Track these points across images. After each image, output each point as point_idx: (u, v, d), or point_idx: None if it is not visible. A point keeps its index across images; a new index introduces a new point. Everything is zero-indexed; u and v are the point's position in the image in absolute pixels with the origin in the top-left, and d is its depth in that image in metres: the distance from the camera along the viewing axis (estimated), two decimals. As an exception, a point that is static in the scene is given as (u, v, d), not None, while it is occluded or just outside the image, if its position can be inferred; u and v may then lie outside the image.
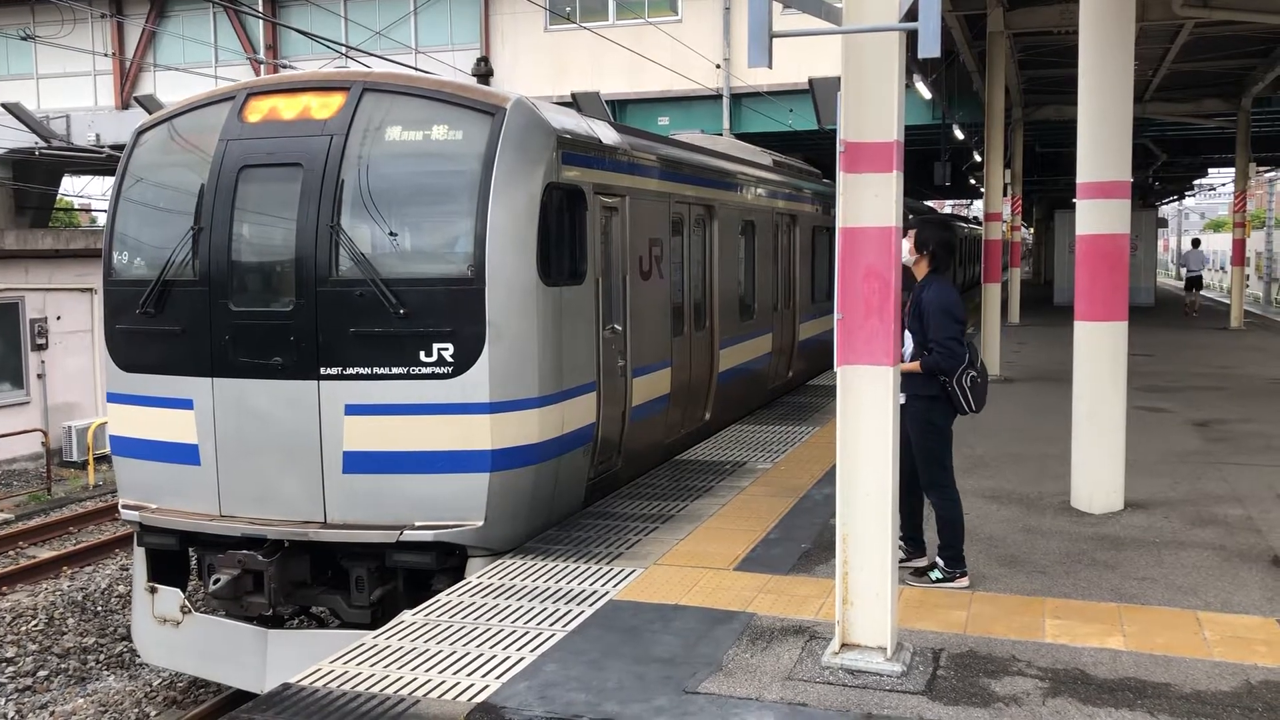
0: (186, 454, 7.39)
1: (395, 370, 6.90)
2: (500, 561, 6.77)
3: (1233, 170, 27.03)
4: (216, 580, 7.10)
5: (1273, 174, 45.75)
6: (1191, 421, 11.68)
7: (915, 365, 6.10)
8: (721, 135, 21.38)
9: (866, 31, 4.75)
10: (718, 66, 23.38)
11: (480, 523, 6.87)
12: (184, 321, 7.34)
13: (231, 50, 26.60)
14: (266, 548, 7.12)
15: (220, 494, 7.31)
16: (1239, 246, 25.36)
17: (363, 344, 6.93)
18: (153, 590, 7.76)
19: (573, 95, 20.93)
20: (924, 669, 4.99)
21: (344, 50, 17.94)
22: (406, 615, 5.87)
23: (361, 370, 6.94)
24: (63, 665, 9.78)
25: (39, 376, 18.45)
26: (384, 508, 6.95)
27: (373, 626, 6.42)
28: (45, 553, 13.08)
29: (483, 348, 6.83)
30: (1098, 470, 7.84)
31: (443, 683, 4.92)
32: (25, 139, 25.18)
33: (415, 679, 4.96)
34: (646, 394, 9.01)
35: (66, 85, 27.80)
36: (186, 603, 7.67)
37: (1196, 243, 31.96)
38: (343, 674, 5.03)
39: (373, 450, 6.94)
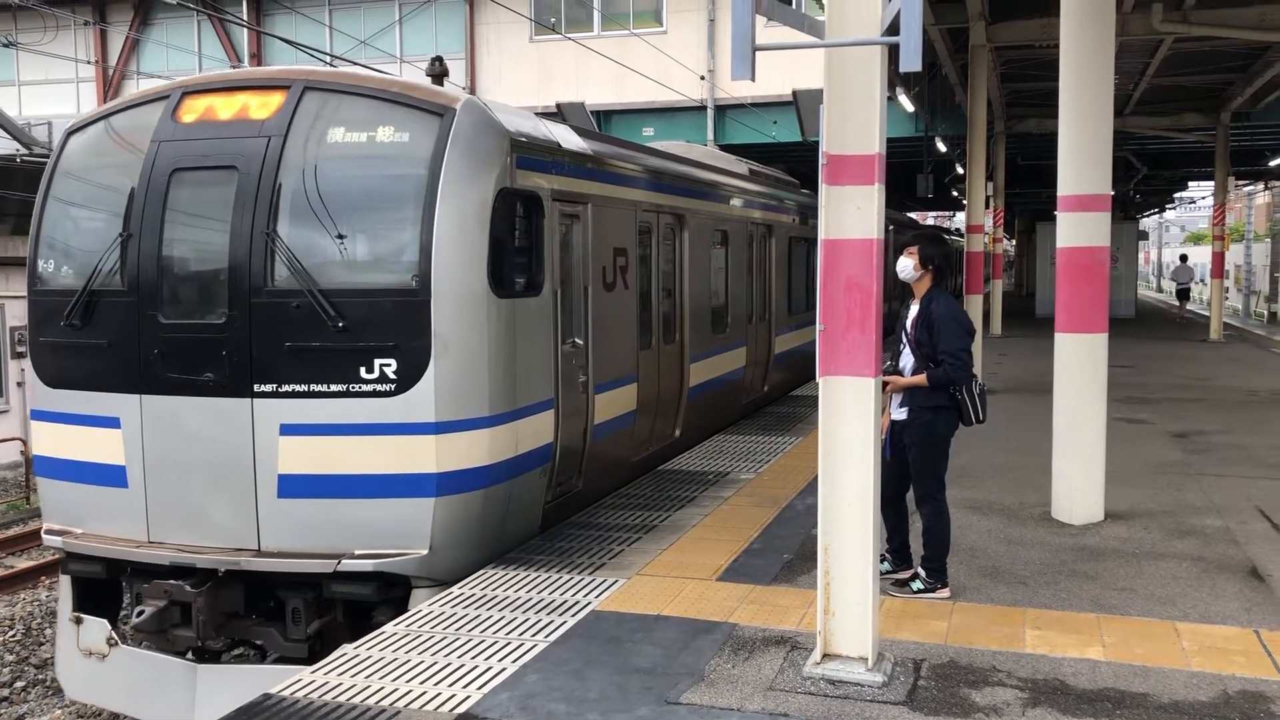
0: (113, 476, 6.93)
1: (334, 387, 6.49)
2: (483, 571, 6.75)
3: (1212, 184, 27.30)
4: (140, 613, 6.68)
5: (1251, 188, 46.16)
6: (1171, 433, 11.76)
7: (921, 379, 6.12)
8: (705, 146, 21.44)
9: (849, 45, 4.79)
10: (702, 78, 23.48)
11: (424, 551, 6.49)
12: (111, 334, 6.90)
13: (216, 59, 26.55)
14: (197, 577, 6.71)
15: (149, 519, 6.86)
16: (1218, 259, 25.60)
17: (300, 359, 6.52)
18: (78, 621, 7.27)
19: (558, 105, 21.00)
20: (905, 679, 5.01)
21: (329, 59, 17.93)
22: (388, 626, 5.85)
23: (298, 387, 6.53)
24: (40, 676, 9.70)
25: (19, 385, 18.33)
26: (322, 535, 6.54)
27: (310, 661, 6.10)
28: (23, 562, 12.98)
29: (428, 363, 6.44)
30: (1078, 481, 7.88)
31: (424, 693, 4.91)
32: (6, 146, 25.06)
33: (397, 689, 4.95)
34: (611, 410, 8.62)
35: (49, 92, 27.72)
36: (114, 634, 7.19)
37: (1184, 258, 35.33)
38: (323, 684, 5.02)
39: (310, 473, 6.53)
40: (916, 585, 6.23)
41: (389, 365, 6.47)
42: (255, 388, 6.59)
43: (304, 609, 6.63)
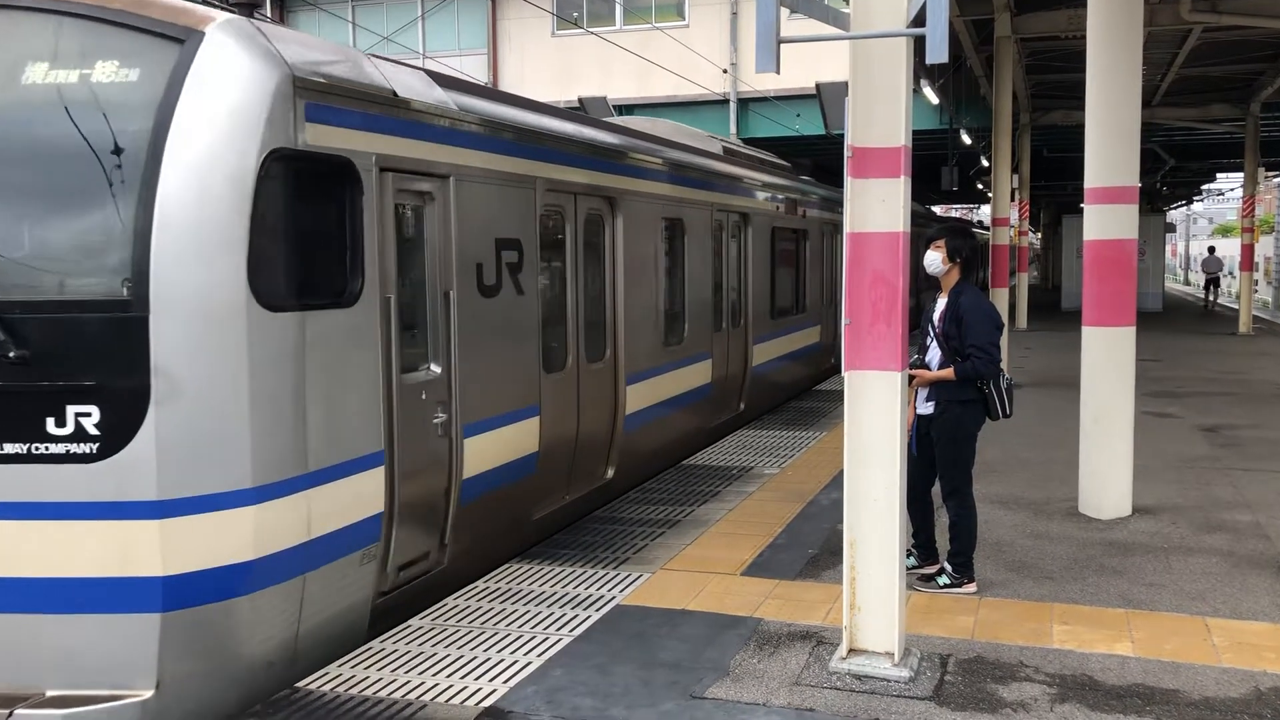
0: None
1: (8, 448, 4.58)
2: (506, 566, 6.77)
3: (1241, 175, 27.01)
4: None
5: (1281, 179, 45.64)
6: (1200, 427, 11.65)
7: (948, 373, 6.08)
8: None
9: (874, 37, 4.76)
10: (725, 71, 23.42)
11: (148, 693, 4.58)
12: None
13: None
14: None
15: None
16: (1247, 252, 25.33)
17: None
18: None
19: (580, 100, 20.98)
20: (931, 674, 4.99)
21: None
22: (414, 620, 5.87)
23: None
24: None
25: None
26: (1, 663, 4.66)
27: None
28: None
29: (145, 412, 4.55)
30: (1105, 475, 7.82)
31: (450, 686, 4.92)
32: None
33: (423, 683, 4.97)
34: (494, 458, 6.61)
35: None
36: None
37: (1213, 249, 37.16)
38: (350, 678, 5.04)
39: None
40: (943, 580, 6.20)
41: (88, 415, 4.57)
42: None
43: None
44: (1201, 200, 61.17)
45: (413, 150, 5.84)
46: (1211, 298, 35.03)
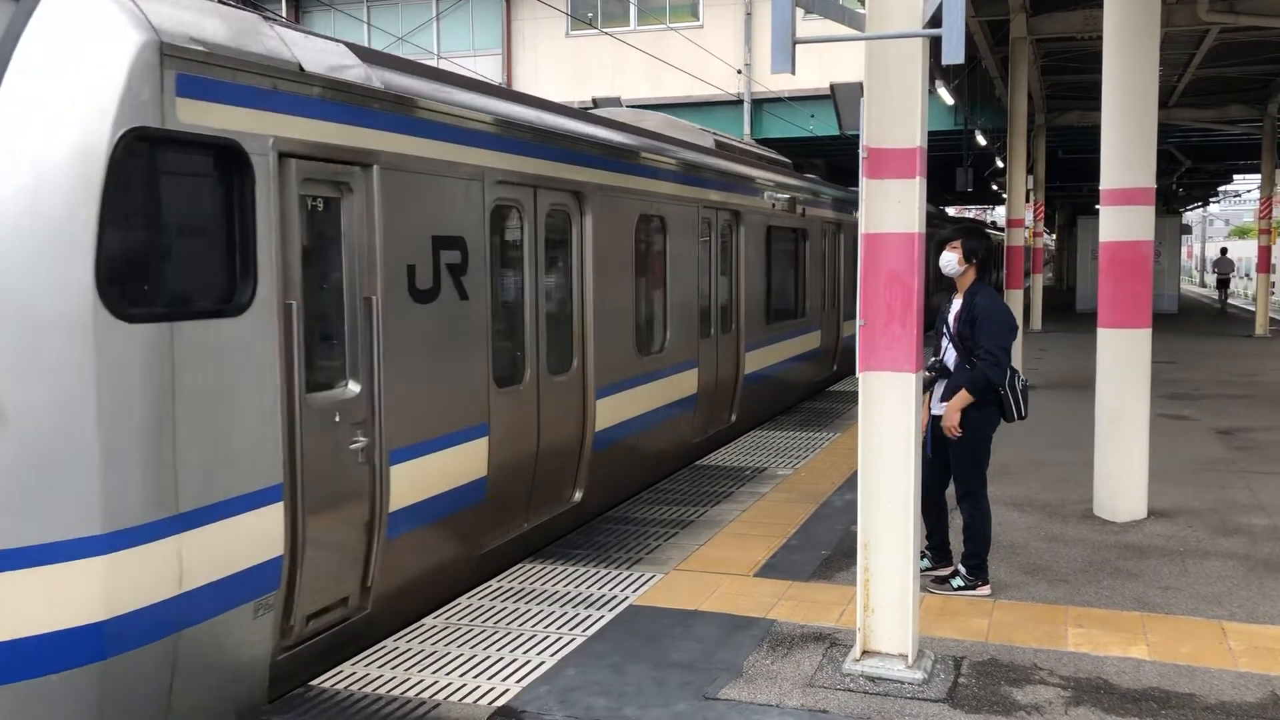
0: None
1: None
2: (520, 565, 6.77)
3: (1258, 176, 26.85)
4: None
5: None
6: (1215, 429, 11.59)
7: (964, 397, 6.02)
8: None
9: (890, 38, 4.75)
10: (739, 72, 23.40)
11: None
12: None
13: (255, 55, 26.76)
14: None
15: None
16: (1264, 253, 25.18)
17: None
18: None
19: (593, 100, 21.00)
20: (945, 677, 4.97)
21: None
22: (428, 619, 5.88)
23: None
24: None
25: None
26: None
27: None
28: None
29: None
30: (1121, 478, 7.79)
31: (463, 685, 4.93)
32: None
33: (436, 682, 4.98)
34: (430, 486, 5.90)
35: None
36: None
37: (1224, 250, 38.29)
38: (364, 676, 5.05)
39: None
40: (957, 582, 6.18)
41: None
42: None
43: None
44: (1218, 202, 60.84)
45: (324, 134, 5.02)
46: (1224, 297, 35.96)
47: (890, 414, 4.91)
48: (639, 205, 8.66)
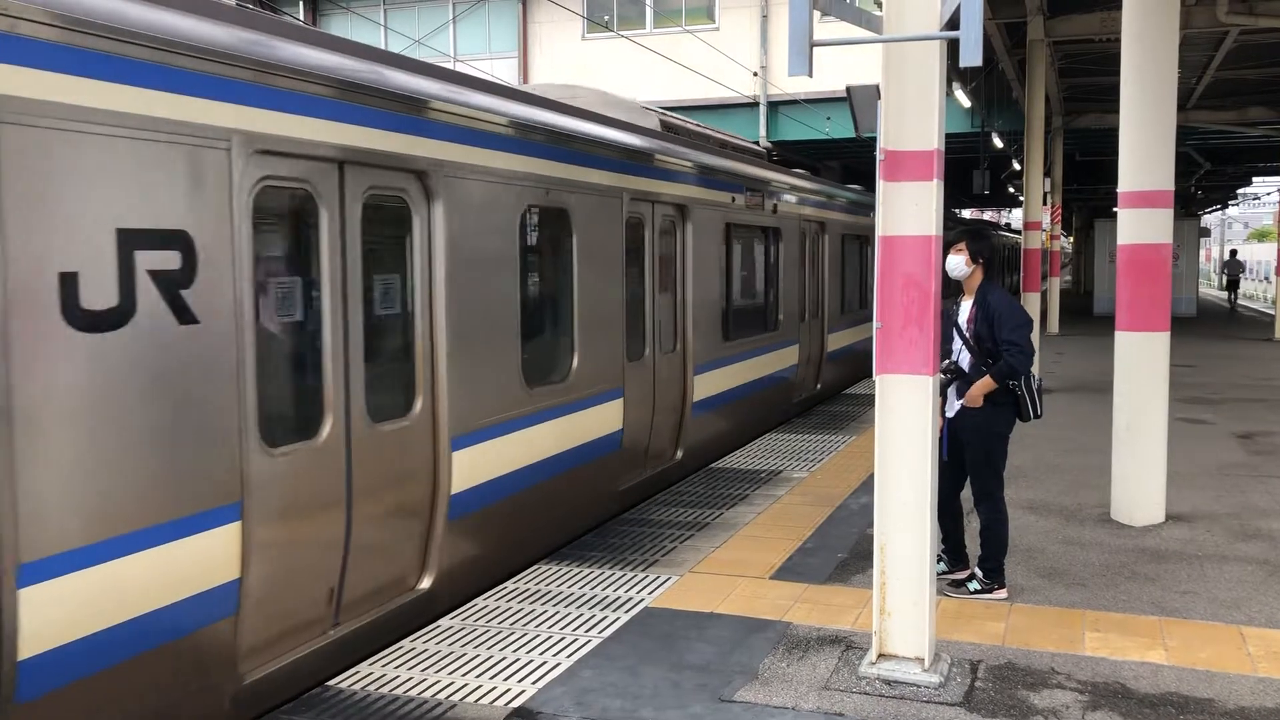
0: None
1: None
2: (536, 567, 6.78)
3: (1278, 179, 26.67)
4: None
5: (1318, 183, 45.15)
6: (1234, 434, 11.52)
7: (988, 382, 6.03)
8: (758, 142, 21.24)
9: (908, 40, 4.74)
10: (755, 74, 23.40)
11: None
12: None
13: (273, 58, 26.89)
14: None
15: None
16: (1284, 256, 25.02)
17: None
18: None
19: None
20: (962, 680, 4.96)
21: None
22: (444, 620, 5.90)
23: None
24: None
25: None
26: None
27: None
28: None
29: None
30: (1138, 482, 7.75)
31: (479, 686, 4.94)
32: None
33: (452, 682, 4.99)
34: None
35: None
36: None
37: (1234, 252, 40.41)
38: (380, 676, 5.07)
39: None
40: (973, 586, 6.16)
41: None
42: None
43: None
44: (1237, 204, 60.45)
45: None
46: (1234, 298, 37.28)
47: (907, 417, 4.90)
48: (526, 193, 6.87)
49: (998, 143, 23.78)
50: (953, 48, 4.54)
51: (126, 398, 4.13)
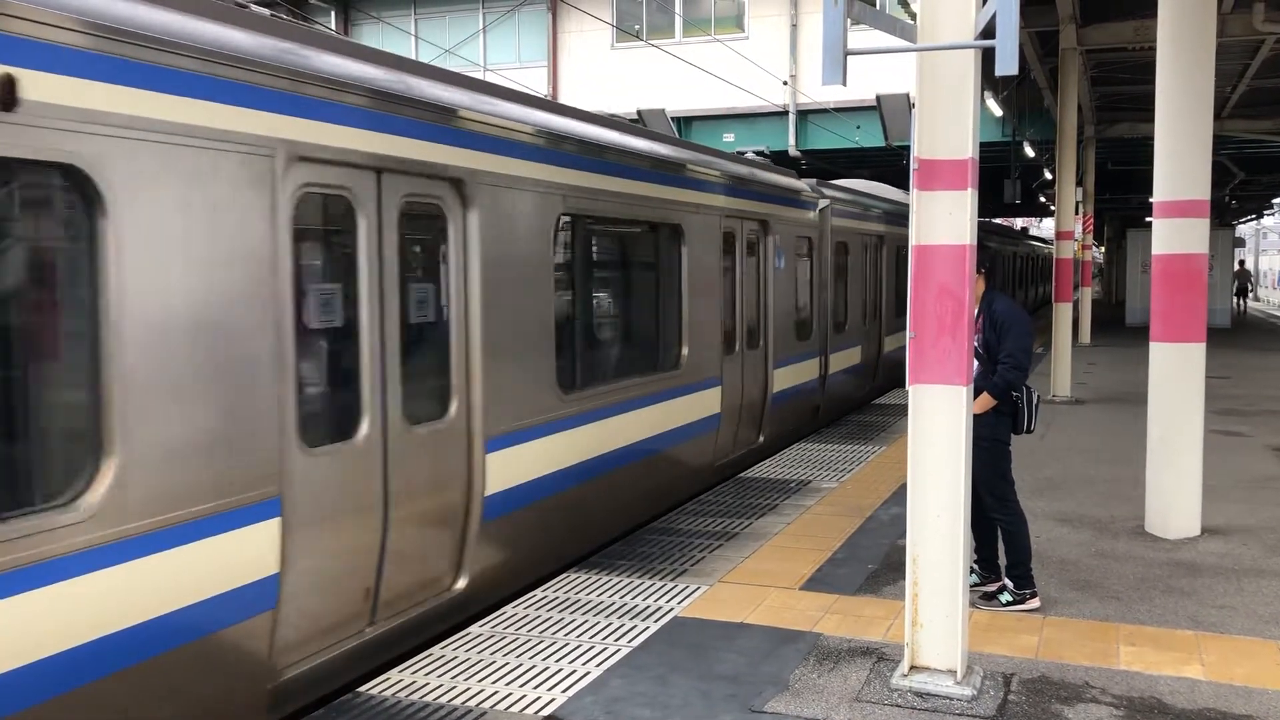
0: None
1: None
2: (566, 575, 6.78)
3: (1314, 189, 26.36)
4: None
5: (1355, 193, 44.61)
6: (1270, 446, 11.37)
7: (988, 400, 6.01)
8: (788, 152, 21.21)
9: (943, 49, 4.73)
10: (785, 83, 23.37)
11: None
12: None
13: (305, 68, 27.10)
14: None
15: None
16: (1320, 267, 24.76)
17: None
18: None
19: (638, 112, 21.04)
20: (995, 693, 4.91)
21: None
22: (474, 627, 5.91)
23: None
24: None
25: None
26: None
27: None
28: None
29: None
30: (1173, 494, 7.66)
31: (509, 694, 4.95)
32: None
33: (483, 690, 5.00)
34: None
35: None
36: None
37: (1242, 262, 44.59)
38: (411, 683, 5.09)
39: None
40: (1005, 598, 6.11)
41: None
42: None
43: None
44: (1272, 214, 59.76)
45: None
46: (1242, 306, 40.21)
47: (940, 427, 4.87)
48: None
49: (1029, 152, 23.63)
50: (986, 56, 4.52)
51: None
